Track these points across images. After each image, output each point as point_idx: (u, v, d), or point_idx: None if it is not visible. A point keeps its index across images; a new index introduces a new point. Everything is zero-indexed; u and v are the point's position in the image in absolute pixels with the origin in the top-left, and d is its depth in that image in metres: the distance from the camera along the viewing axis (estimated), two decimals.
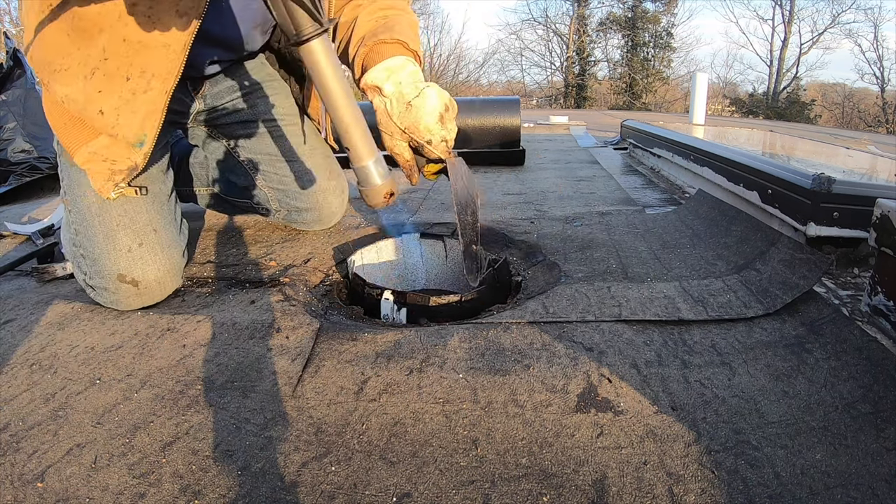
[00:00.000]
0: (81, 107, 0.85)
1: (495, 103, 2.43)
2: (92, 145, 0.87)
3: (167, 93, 0.85)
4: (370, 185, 0.67)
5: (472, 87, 18.08)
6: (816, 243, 0.99)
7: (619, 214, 1.39)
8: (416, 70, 0.90)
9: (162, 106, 0.85)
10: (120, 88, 0.83)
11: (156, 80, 0.84)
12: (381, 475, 0.53)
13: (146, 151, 0.88)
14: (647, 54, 17.03)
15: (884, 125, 13.97)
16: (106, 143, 0.87)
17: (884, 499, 0.49)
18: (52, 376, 0.72)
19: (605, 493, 0.51)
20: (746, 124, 5.82)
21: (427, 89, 0.87)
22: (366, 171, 0.65)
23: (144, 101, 0.84)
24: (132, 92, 0.83)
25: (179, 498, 0.51)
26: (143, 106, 0.85)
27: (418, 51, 0.94)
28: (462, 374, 0.69)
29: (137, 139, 0.86)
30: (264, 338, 0.80)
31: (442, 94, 0.89)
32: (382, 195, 0.67)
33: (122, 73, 0.83)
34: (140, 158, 0.88)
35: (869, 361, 0.68)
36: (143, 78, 0.83)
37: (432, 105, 0.87)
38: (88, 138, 0.87)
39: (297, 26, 0.57)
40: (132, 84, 0.83)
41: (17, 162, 2.26)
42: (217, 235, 1.29)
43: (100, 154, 0.87)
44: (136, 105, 0.84)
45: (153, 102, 0.85)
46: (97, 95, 0.83)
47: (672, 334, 0.78)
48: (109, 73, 0.82)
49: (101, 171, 0.88)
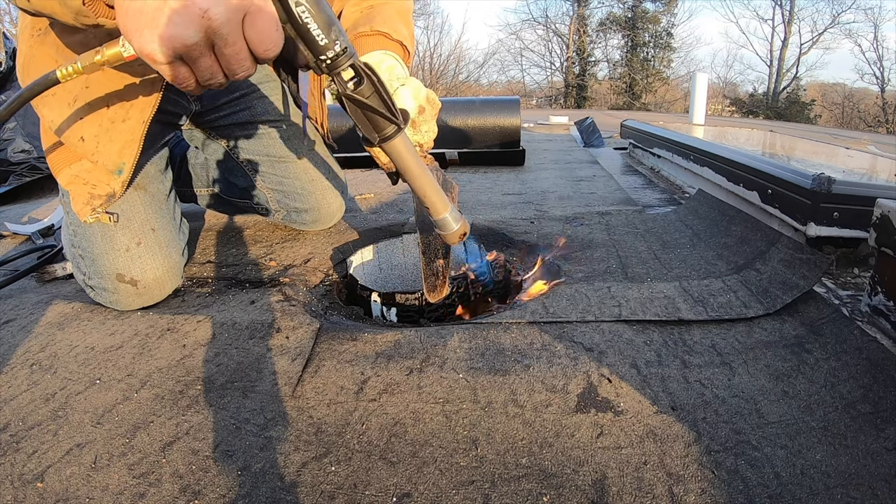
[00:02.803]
0: (64, 132, 0.86)
1: (495, 103, 2.43)
2: (74, 168, 0.89)
3: (144, 123, 0.86)
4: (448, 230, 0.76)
5: (472, 87, 18.09)
6: (816, 243, 0.99)
7: (619, 214, 1.39)
8: (393, 65, 0.83)
9: (139, 135, 0.86)
10: (100, 117, 0.85)
11: (134, 109, 0.85)
12: (381, 475, 0.53)
13: (124, 179, 0.89)
14: (647, 54, 17.05)
15: (884, 125, 13.97)
16: (88, 168, 0.89)
17: (884, 499, 0.49)
18: (52, 376, 0.72)
19: (605, 493, 0.51)
20: (746, 124, 5.82)
21: (400, 90, 0.80)
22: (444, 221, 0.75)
23: (122, 131, 0.86)
24: (111, 121, 0.85)
25: (179, 498, 0.51)
26: (121, 135, 0.86)
27: (404, 39, 0.87)
28: (462, 374, 0.69)
29: (116, 167, 0.87)
30: (264, 338, 0.80)
31: (418, 94, 0.81)
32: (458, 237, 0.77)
33: (103, 101, 0.84)
34: (118, 186, 0.89)
35: (869, 361, 0.68)
36: (122, 108, 0.85)
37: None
38: (71, 160, 0.89)
39: (378, 129, 0.64)
40: (111, 113, 0.85)
41: (17, 162, 2.26)
42: (217, 235, 1.29)
43: (81, 177, 0.89)
44: (114, 134, 0.85)
45: (131, 132, 0.86)
46: (79, 122, 0.85)
47: (672, 334, 0.78)
48: (90, 101, 0.84)
49: (82, 193, 0.90)
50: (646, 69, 16.84)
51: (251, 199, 1.24)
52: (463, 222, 0.77)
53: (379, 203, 1.61)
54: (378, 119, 0.63)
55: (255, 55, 0.54)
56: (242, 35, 0.52)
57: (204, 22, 0.47)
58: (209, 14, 0.46)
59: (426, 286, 0.89)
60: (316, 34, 0.55)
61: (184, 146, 1.31)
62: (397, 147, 0.67)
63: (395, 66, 0.83)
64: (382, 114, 0.62)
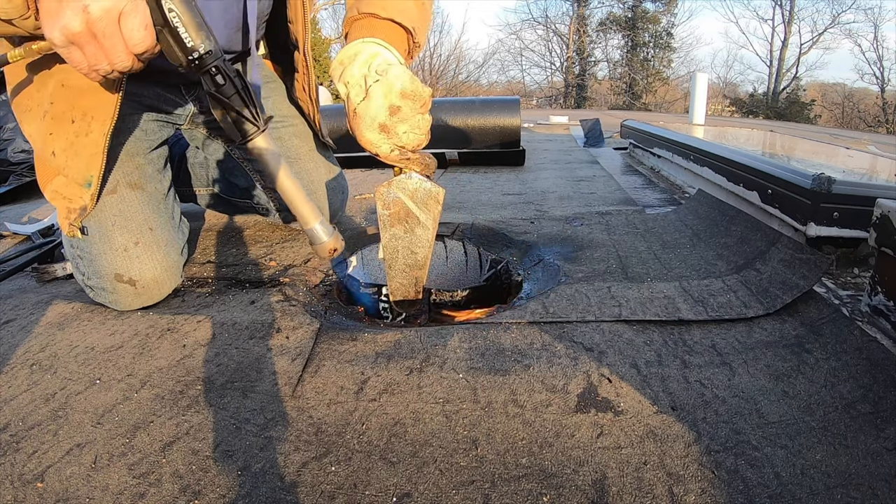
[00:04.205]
0: (40, 147, 0.89)
1: (495, 103, 2.43)
2: (53, 183, 0.91)
3: (105, 135, 0.86)
4: (318, 242, 0.79)
5: (472, 87, 18.09)
6: (816, 243, 0.99)
7: (619, 214, 1.39)
8: (373, 56, 0.75)
9: (102, 148, 0.87)
10: (66, 131, 0.86)
11: (95, 122, 0.86)
12: (381, 475, 0.53)
13: (93, 192, 0.89)
14: (647, 54, 17.04)
15: (884, 125, 13.97)
16: (63, 182, 0.90)
17: (884, 499, 0.49)
18: (52, 376, 0.72)
19: (605, 494, 0.51)
20: (746, 124, 5.82)
21: (373, 88, 0.74)
22: (313, 231, 0.78)
23: (86, 144, 0.87)
24: (76, 134, 0.86)
25: (179, 498, 0.51)
26: (86, 148, 0.87)
27: (396, 16, 0.80)
28: (462, 374, 0.69)
29: (85, 180, 0.88)
30: (264, 338, 0.80)
31: (391, 91, 0.74)
32: (328, 251, 0.79)
33: (68, 116, 0.86)
34: (88, 199, 0.90)
35: (869, 361, 0.68)
36: (84, 121, 0.86)
37: (372, 114, 0.75)
38: (51, 177, 0.91)
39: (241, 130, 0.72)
40: (76, 127, 0.86)
41: (17, 162, 2.26)
42: (217, 235, 1.29)
43: (60, 192, 0.91)
44: (79, 147, 0.87)
45: (95, 144, 0.87)
46: (49, 137, 0.87)
47: (672, 334, 0.78)
48: (56, 116, 0.86)
49: (62, 208, 0.91)
50: (646, 69, 16.84)
51: (251, 198, 1.24)
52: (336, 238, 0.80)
53: None
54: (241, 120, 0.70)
55: (130, 49, 0.64)
56: (119, 31, 0.62)
57: (84, 15, 0.60)
58: (88, 9, 0.60)
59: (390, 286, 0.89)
60: (184, 36, 0.64)
61: (183, 145, 1.30)
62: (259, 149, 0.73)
63: (376, 55, 0.75)
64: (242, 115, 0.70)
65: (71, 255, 0.96)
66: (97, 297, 0.92)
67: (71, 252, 0.95)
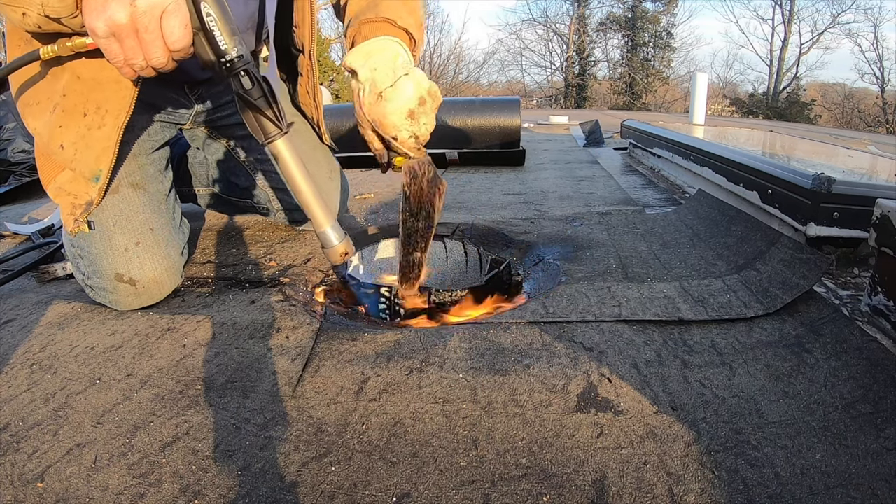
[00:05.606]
0: (46, 141, 0.88)
1: (495, 103, 2.43)
2: (58, 180, 0.90)
3: (119, 129, 0.86)
4: (329, 246, 0.80)
5: (472, 87, 18.09)
6: (816, 243, 0.99)
7: (619, 214, 1.39)
8: (398, 53, 0.81)
9: (115, 142, 0.87)
10: (77, 124, 0.86)
11: (109, 116, 0.86)
12: (381, 475, 0.53)
13: (101, 187, 0.89)
14: (647, 54, 17.04)
15: (884, 125, 13.97)
16: (69, 178, 0.90)
17: (884, 499, 0.49)
18: (52, 376, 0.72)
19: (605, 493, 0.51)
20: (746, 124, 5.82)
21: (403, 79, 0.79)
22: (325, 234, 0.79)
23: (99, 137, 0.86)
24: (88, 127, 0.86)
25: (179, 498, 0.51)
26: (98, 142, 0.86)
27: (410, 27, 0.86)
28: (462, 374, 0.69)
29: (93, 174, 0.88)
30: (264, 338, 0.80)
31: (420, 85, 0.80)
32: (339, 254, 0.81)
33: (80, 109, 0.86)
34: (95, 194, 0.89)
35: (869, 361, 0.68)
36: (98, 114, 0.86)
37: (404, 98, 0.79)
38: (55, 173, 0.90)
39: (264, 130, 0.74)
40: (88, 120, 0.86)
41: (17, 162, 2.26)
42: (217, 235, 1.29)
43: (64, 188, 0.90)
44: (90, 140, 0.86)
45: (108, 138, 0.86)
46: (58, 130, 0.86)
47: (672, 334, 0.78)
48: (68, 109, 0.86)
49: (66, 205, 0.90)
50: (646, 69, 16.84)
51: (252, 198, 1.24)
52: (346, 241, 0.82)
53: (379, 203, 1.61)
54: (264, 121, 0.73)
55: (168, 46, 0.66)
56: (160, 27, 0.65)
57: (131, 8, 0.63)
58: (136, 3, 0.63)
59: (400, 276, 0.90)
60: (219, 39, 0.67)
61: (183, 145, 1.30)
62: (280, 150, 0.75)
63: (400, 53, 0.82)
64: (267, 116, 0.73)
65: (71, 255, 0.96)
66: (97, 296, 0.92)
67: (71, 251, 0.95)
